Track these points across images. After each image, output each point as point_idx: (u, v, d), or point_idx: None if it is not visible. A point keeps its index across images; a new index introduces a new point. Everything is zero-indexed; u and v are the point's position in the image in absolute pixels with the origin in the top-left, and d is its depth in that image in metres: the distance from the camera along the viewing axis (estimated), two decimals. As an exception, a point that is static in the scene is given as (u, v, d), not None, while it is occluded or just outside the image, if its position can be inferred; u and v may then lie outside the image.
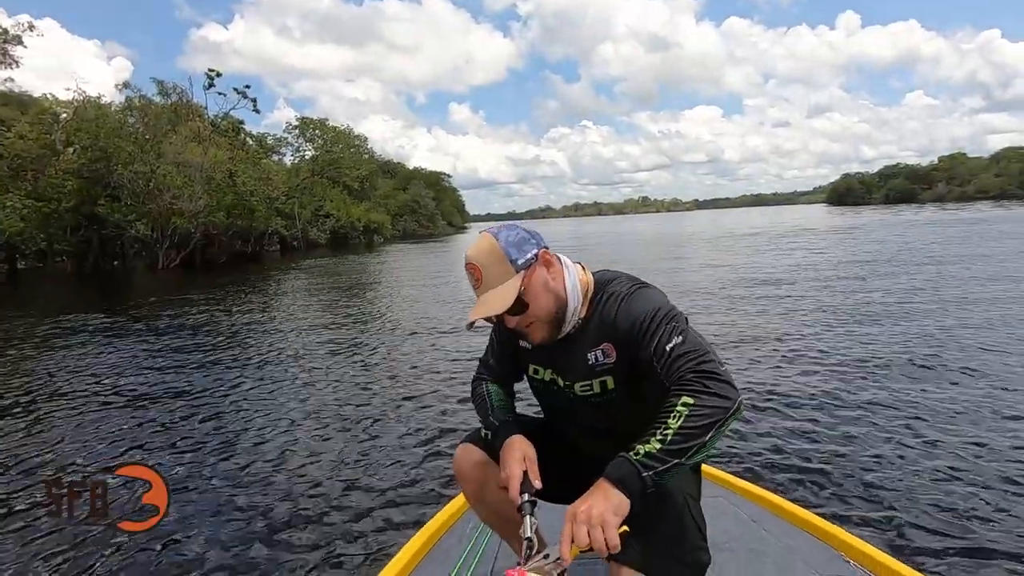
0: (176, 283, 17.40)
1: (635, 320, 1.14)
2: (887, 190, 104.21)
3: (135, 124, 27.00)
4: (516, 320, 1.18)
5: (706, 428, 0.99)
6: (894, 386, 4.23)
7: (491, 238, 1.17)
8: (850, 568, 1.52)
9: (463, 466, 1.34)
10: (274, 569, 2.22)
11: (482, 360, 1.44)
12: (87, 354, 6.97)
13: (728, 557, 1.56)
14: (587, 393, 1.24)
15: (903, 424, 3.47)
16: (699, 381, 1.02)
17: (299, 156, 44.46)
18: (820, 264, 13.47)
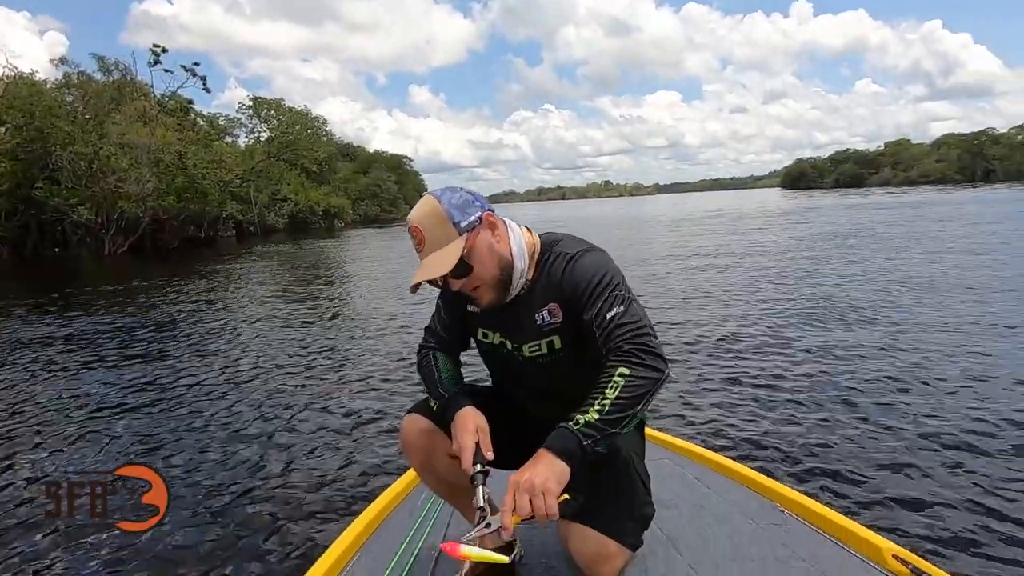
0: (124, 270, 16.64)
1: (580, 282, 1.15)
2: (837, 174, 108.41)
3: (74, 102, 25.44)
4: (461, 283, 1.17)
5: (639, 398, 1.03)
6: (830, 358, 4.47)
7: (433, 200, 1.16)
8: (784, 516, 1.62)
9: (410, 436, 1.34)
10: (224, 548, 2.18)
11: (428, 327, 1.42)
12: (24, 346, 6.61)
13: (673, 514, 1.64)
14: (535, 354, 1.25)
15: (837, 392, 3.69)
16: (635, 353, 1.05)
17: (254, 138, 42.84)
18: (777, 245, 13.97)
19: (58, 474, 2.88)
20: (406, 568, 1.46)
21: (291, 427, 3.58)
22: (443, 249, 1.13)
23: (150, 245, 26.33)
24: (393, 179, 61.83)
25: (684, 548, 1.48)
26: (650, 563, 1.42)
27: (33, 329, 7.31)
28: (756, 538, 1.52)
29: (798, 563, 1.40)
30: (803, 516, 1.60)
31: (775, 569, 1.39)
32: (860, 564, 1.39)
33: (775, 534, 1.54)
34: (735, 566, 1.40)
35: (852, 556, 1.42)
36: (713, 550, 1.47)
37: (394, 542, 1.58)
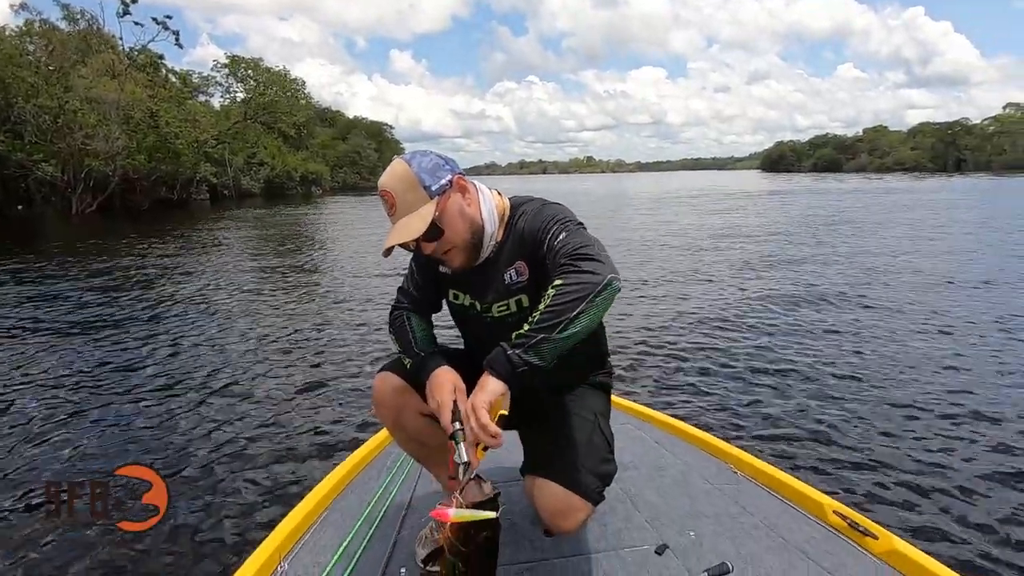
0: (92, 231, 16.12)
1: (536, 231, 1.18)
2: (816, 158, 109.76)
3: (36, 52, 24.18)
4: (432, 247, 1.18)
5: (574, 303, 1.00)
6: (785, 334, 4.77)
7: (404, 164, 1.16)
8: (737, 477, 1.73)
9: (381, 394, 1.34)
10: (224, 545, 2.13)
11: (401, 288, 1.41)
12: None
13: (634, 475, 1.74)
14: (503, 313, 1.26)
15: (790, 365, 3.95)
16: (570, 263, 1.05)
17: (229, 98, 41.39)
18: (754, 226, 14.24)
19: (25, 463, 2.69)
20: (375, 524, 1.50)
21: (265, 393, 3.61)
22: (414, 213, 1.14)
23: (120, 205, 25.45)
24: (373, 147, 60.53)
25: (643, 505, 1.57)
26: (609, 519, 1.51)
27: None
28: (711, 497, 1.62)
29: (749, 519, 1.51)
30: (754, 477, 1.71)
31: (728, 525, 1.48)
32: (804, 519, 1.50)
33: (728, 493, 1.64)
34: (690, 522, 1.49)
35: (798, 512, 1.53)
36: (670, 508, 1.56)
37: (364, 498, 1.63)
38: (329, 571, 1.32)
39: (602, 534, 1.45)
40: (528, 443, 1.36)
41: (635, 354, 4.23)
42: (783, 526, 1.47)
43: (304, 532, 1.48)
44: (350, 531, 1.47)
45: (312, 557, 1.38)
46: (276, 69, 41.65)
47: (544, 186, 67.05)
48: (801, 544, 1.40)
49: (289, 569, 1.34)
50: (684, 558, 1.35)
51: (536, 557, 1.37)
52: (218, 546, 2.08)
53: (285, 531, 1.42)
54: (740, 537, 1.43)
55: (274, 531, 1.42)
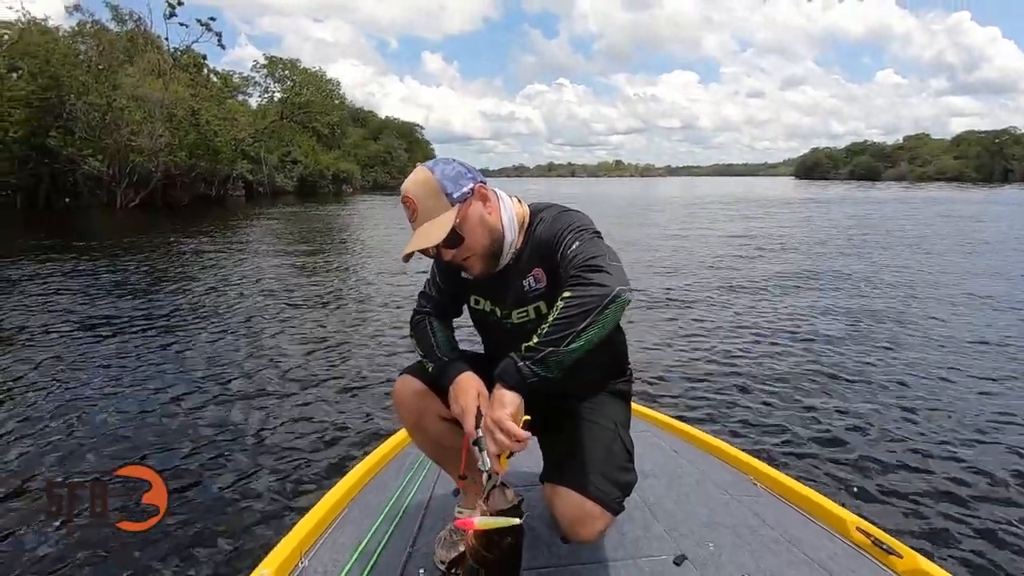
0: (136, 224, 16.78)
1: (552, 239, 1.19)
2: (853, 166, 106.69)
3: (87, 52, 25.23)
4: (452, 253, 1.19)
5: (582, 316, 1.02)
6: (811, 344, 4.73)
7: (427, 171, 1.17)
8: (756, 489, 1.72)
9: (403, 396, 1.36)
10: (226, 543, 2.12)
11: (423, 292, 1.43)
12: (25, 303, 6.77)
13: (652, 483, 1.73)
14: (523, 320, 1.28)
15: (815, 377, 3.94)
16: (579, 275, 1.06)
17: (266, 97, 42.44)
18: (792, 234, 13.97)
19: (54, 459, 2.73)
20: (393, 523, 1.52)
21: (285, 391, 3.69)
22: (435, 220, 1.15)
23: (161, 200, 26.33)
24: (404, 147, 61.23)
25: (661, 514, 1.57)
26: (627, 527, 1.50)
27: (38, 284, 7.42)
28: (729, 508, 1.60)
29: (768, 532, 1.48)
30: (774, 489, 1.69)
31: (747, 537, 1.46)
32: (826, 534, 1.47)
33: (747, 505, 1.61)
34: (708, 532, 1.48)
35: (819, 527, 1.50)
36: (688, 517, 1.55)
37: (383, 497, 1.64)
38: (349, 569, 1.33)
39: (620, 542, 1.45)
40: (547, 451, 1.38)
41: (655, 362, 4.24)
42: (804, 541, 1.44)
43: (324, 530, 1.49)
44: (369, 530, 1.48)
45: (332, 555, 1.40)
46: (313, 70, 42.60)
47: (574, 189, 66.97)
48: (823, 560, 1.37)
49: (309, 566, 1.35)
50: (703, 570, 1.33)
51: (554, 563, 1.38)
52: (228, 545, 2.09)
53: (305, 528, 1.44)
54: (760, 551, 1.41)
55: (295, 528, 1.44)
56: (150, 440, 2.97)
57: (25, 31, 22.65)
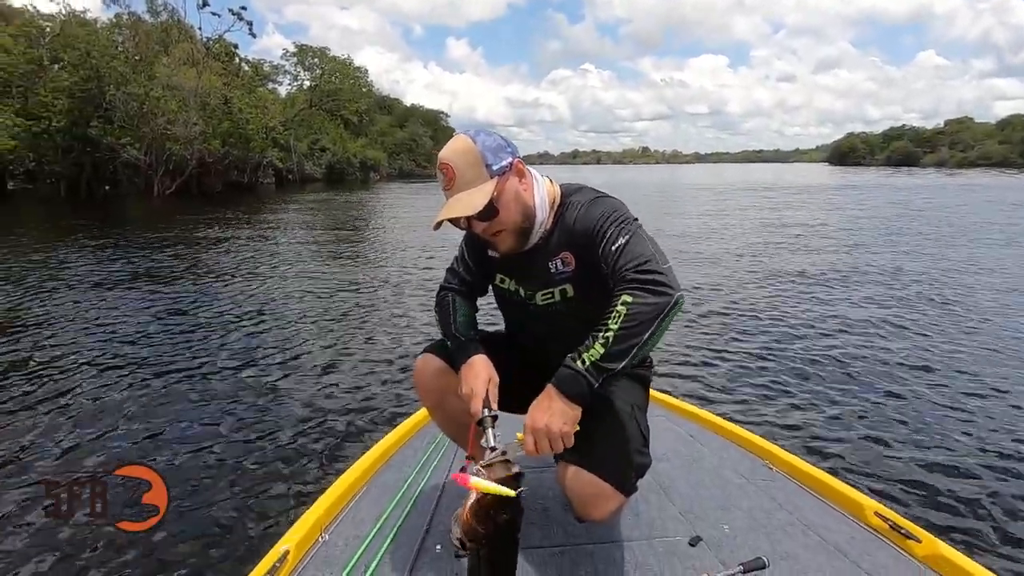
0: (174, 212, 17.25)
1: (589, 226, 1.16)
2: (890, 151, 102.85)
3: (124, 43, 25.92)
4: (484, 226, 1.17)
5: (646, 325, 1.00)
6: (830, 332, 4.68)
7: (468, 140, 1.15)
8: (772, 473, 1.72)
9: (423, 375, 1.37)
10: (227, 541, 2.09)
11: (450, 269, 1.43)
12: (60, 293, 7.07)
13: (668, 467, 1.74)
14: (548, 301, 1.27)
15: (833, 363, 3.92)
16: (637, 279, 1.03)
17: (296, 86, 43.03)
18: (826, 221, 13.66)
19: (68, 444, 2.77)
20: (412, 500, 1.54)
21: (310, 371, 3.80)
22: (473, 189, 1.12)
23: (196, 188, 27.04)
24: (429, 134, 61.43)
25: (676, 497, 1.59)
26: (642, 508, 1.53)
27: (78, 270, 7.66)
28: (745, 491, 1.61)
29: (784, 515, 1.49)
30: (790, 473, 1.69)
31: (762, 520, 1.47)
32: (842, 518, 1.47)
33: (763, 488, 1.62)
34: (723, 515, 1.49)
35: (835, 511, 1.50)
36: (704, 500, 1.57)
37: (402, 475, 1.67)
38: (367, 544, 1.36)
39: (635, 523, 1.46)
40: None
41: (674, 349, 4.26)
42: (820, 524, 1.44)
43: (344, 506, 1.52)
44: (388, 506, 1.51)
45: (352, 530, 1.43)
46: (341, 58, 42.97)
47: (599, 177, 66.16)
48: (839, 543, 1.37)
49: (330, 540, 1.39)
50: (718, 550, 1.35)
51: (568, 542, 1.39)
52: (243, 526, 2.12)
53: (326, 504, 1.46)
54: (775, 533, 1.41)
55: (315, 504, 1.46)
56: (169, 422, 3.04)
57: (66, 23, 23.39)
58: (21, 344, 4.37)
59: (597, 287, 1.18)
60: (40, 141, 21.92)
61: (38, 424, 2.97)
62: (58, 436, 2.86)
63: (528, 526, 1.43)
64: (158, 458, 2.65)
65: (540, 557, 1.34)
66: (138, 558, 1.94)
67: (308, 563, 1.31)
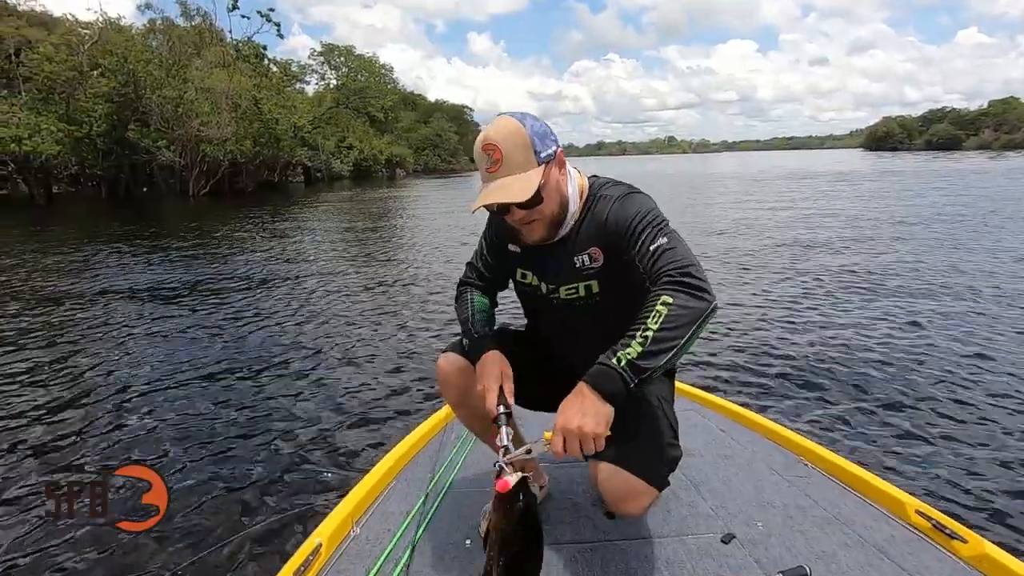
0: (208, 211, 17.78)
1: (622, 223, 1.14)
2: (929, 135, 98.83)
3: (158, 47, 26.70)
4: (523, 215, 1.14)
5: (685, 328, 0.98)
6: (866, 328, 4.50)
7: (517, 123, 1.11)
8: (808, 470, 1.67)
9: (446, 373, 1.37)
10: (228, 541, 2.06)
11: (470, 263, 1.42)
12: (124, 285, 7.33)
13: (698, 462, 1.71)
14: (572, 296, 1.25)
15: (868, 360, 3.78)
16: (678, 281, 1.02)
17: (323, 85, 43.68)
18: (861, 211, 13.26)
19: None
20: (440, 495, 1.56)
21: (334, 368, 3.85)
22: (522, 175, 1.09)
23: (228, 188, 27.75)
24: (453, 129, 61.66)
25: (708, 493, 1.56)
26: (673, 505, 1.50)
27: (116, 273, 7.95)
28: (779, 488, 1.57)
29: (821, 513, 1.44)
30: (827, 470, 1.64)
31: (798, 518, 1.43)
32: (882, 516, 1.42)
33: (798, 486, 1.58)
34: (757, 511, 1.46)
35: (875, 509, 1.46)
36: (736, 496, 1.54)
37: (430, 471, 1.69)
38: (398, 538, 1.38)
39: (665, 520, 1.44)
40: None
41: (704, 341, 4.17)
42: (859, 523, 1.40)
43: (374, 500, 1.55)
44: (417, 501, 1.53)
45: (382, 524, 1.45)
46: (367, 56, 43.44)
47: (625, 168, 65.39)
48: (880, 543, 1.32)
49: (361, 533, 1.41)
50: (751, 548, 1.32)
51: (599, 538, 1.38)
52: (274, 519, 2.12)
53: (356, 498, 1.48)
54: (811, 531, 1.37)
55: (346, 498, 1.49)
56: (197, 417, 3.08)
57: (104, 31, 24.22)
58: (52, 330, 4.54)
59: (623, 284, 1.17)
60: (82, 146, 22.79)
61: (41, 422, 2.92)
62: (68, 432, 2.84)
63: (557, 523, 1.45)
64: (179, 452, 2.73)
65: (570, 553, 1.33)
66: (138, 558, 1.92)
67: (341, 556, 1.34)
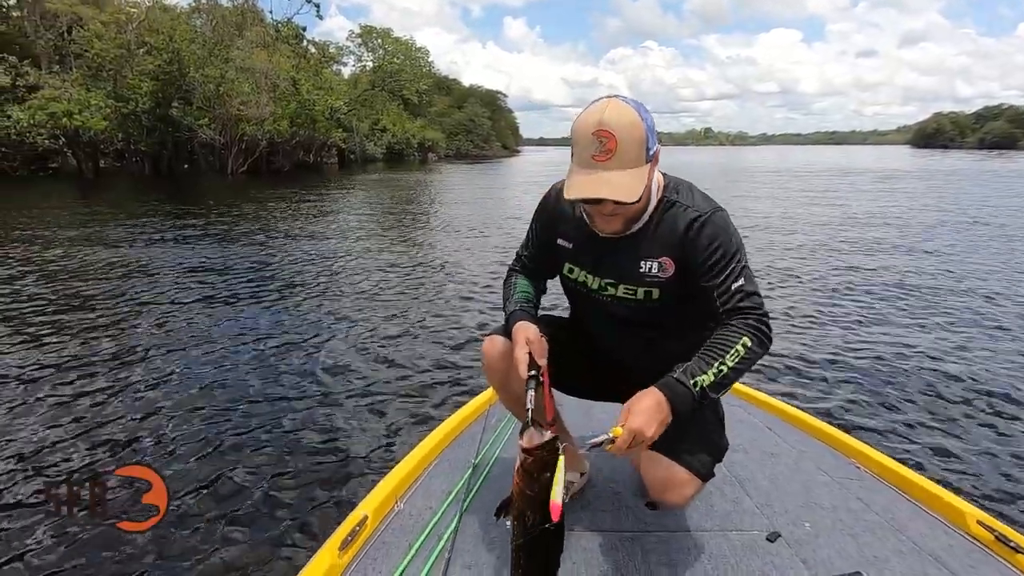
0: (247, 188, 18.14)
1: (707, 248, 1.13)
2: (983, 133, 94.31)
3: (202, 27, 27.23)
4: (613, 207, 1.10)
5: (746, 369, 1.09)
6: (924, 327, 4.37)
7: (635, 113, 1.05)
8: (860, 473, 1.61)
9: (491, 356, 1.38)
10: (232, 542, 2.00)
11: (518, 252, 1.44)
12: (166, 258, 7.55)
13: (743, 458, 1.68)
14: (628, 296, 1.23)
15: (925, 362, 3.66)
16: (759, 328, 1.09)
17: (360, 67, 43.93)
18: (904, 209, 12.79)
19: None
20: (482, 476, 1.59)
21: (373, 353, 3.82)
22: (632, 171, 1.05)
23: (265, 167, 28.30)
24: (487, 115, 61.44)
25: (753, 490, 1.54)
26: (716, 500, 1.49)
27: (153, 246, 8.19)
28: (829, 489, 1.52)
29: (873, 517, 1.40)
30: (881, 474, 1.59)
31: (848, 521, 1.38)
32: (939, 525, 1.37)
33: (849, 488, 1.54)
34: (804, 512, 1.42)
35: (932, 517, 1.40)
36: (783, 495, 1.50)
37: (471, 451, 1.72)
38: (440, 515, 1.41)
39: (708, 514, 1.43)
40: None
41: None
42: (914, 530, 1.35)
43: (417, 477, 1.58)
44: (460, 480, 1.56)
45: (425, 501, 1.48)
46: (404, 39, 43.44)
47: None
48: (936, 552, 1.28)
49: (404, 509, 1.45)
50: (798, 548, 1.29)
51: (639, 528, 1.38)
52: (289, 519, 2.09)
53: (400, 474, 1.52)
54: (863, 535, 1.34)
55: (390, 473, 1.53)
56: (235, 402, 3.06)
57: (150, 9, 24.78)
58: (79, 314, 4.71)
59: (684, 299, 1.19)
60: (128, 122, 23.43)
61: (43, 420, 2.84)
62: (73, 429, 2.75)
63: (598, 511, 1.46)
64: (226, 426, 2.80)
65: (611, 541, 1.34)
66: (138, 558, 1.87)
67: (385, 529, 1.38)
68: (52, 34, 23.16)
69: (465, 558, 1.28)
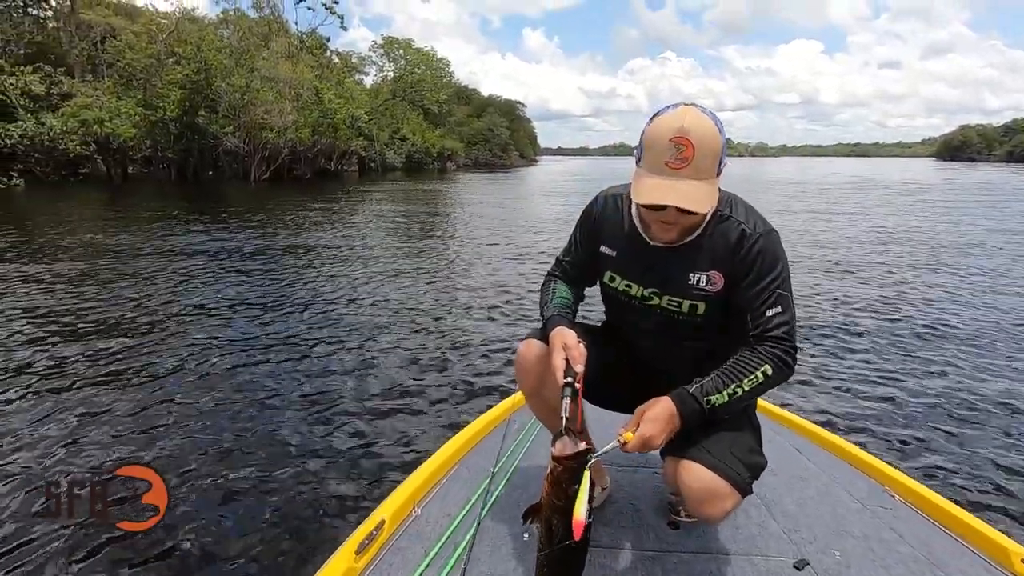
0: (269, 195, 18.45)
1: (757, 269, 1.13)
2: (1012, 146, 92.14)
3: (229, 37, 27.91)
4: (676, 216, 1.08)
5: (761, 394, 1.14)
6: (980, 349, 4.19)
7: (714, 125, 1.04)
8: (894, 502, 1.55)
9: (526, 360, 1.35)
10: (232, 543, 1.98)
11: (559, 257, 1.42)
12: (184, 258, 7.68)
13: (771, 480, 1.60)
14: (672, 307, 1.22)
15: (964, 388, 3.50)
16: (783, 358, 1.12)
17: (381, 77, 44.66)
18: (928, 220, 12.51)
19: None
20: (501, 484, 1.56)
21: (395, 355, 3.86)
22: (705, 183, 1.04)
23: (287, 174, 28.77)
24: (505, 124, 61.81)
25: (779, 514, 1.48)
26: (741, 522, 1.43)
27: (181, 245, 8.35)
28: (861, 517, 1.47)
29: (907, 549, 1.34)
30: (917, 504, 1.52)
31: (880, 552, 1.32)
32: (981, 562, 1.30)
33: (882, 517, 1.48)
34: (834, 540, 1.36)
35: (972, 553, 1.34)
36: (812, 521, 1.45)
37: (490, 459, 1.69)
38: (458, 523, 1.39)
39: (733, 536, 1.38)
40: None
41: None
42: (953, 566, 1.28)
43: (435, 484, 1.56)
44: (478, 488, 1.53)
45: (442, 508, 1.46)
46: (425, 49, 44.11)
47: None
48: None
49: (422, 514, 1.43)
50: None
51: (661, 548, 1.34)
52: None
53: (419, 480, 1.50)
54: (896, 567, 1.27)
55: (409, 478, 1.51)
56: (250, 403, 3.07)
57: (180, 21, 25.49)
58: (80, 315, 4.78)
59: (727, 315, 1.20)
60: (156, 129, 24.04)
61: (44, 419, 2.84)
62: (74, 430, 2.75)
63: (619, 528, 1.43)
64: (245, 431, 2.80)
65: (631, 560, 1.31)
66: (138, 558, 1.87)
67: (401, 534, 1.36)
68: (86, 44, 23.96)
69: (481, 567, 1.26)
